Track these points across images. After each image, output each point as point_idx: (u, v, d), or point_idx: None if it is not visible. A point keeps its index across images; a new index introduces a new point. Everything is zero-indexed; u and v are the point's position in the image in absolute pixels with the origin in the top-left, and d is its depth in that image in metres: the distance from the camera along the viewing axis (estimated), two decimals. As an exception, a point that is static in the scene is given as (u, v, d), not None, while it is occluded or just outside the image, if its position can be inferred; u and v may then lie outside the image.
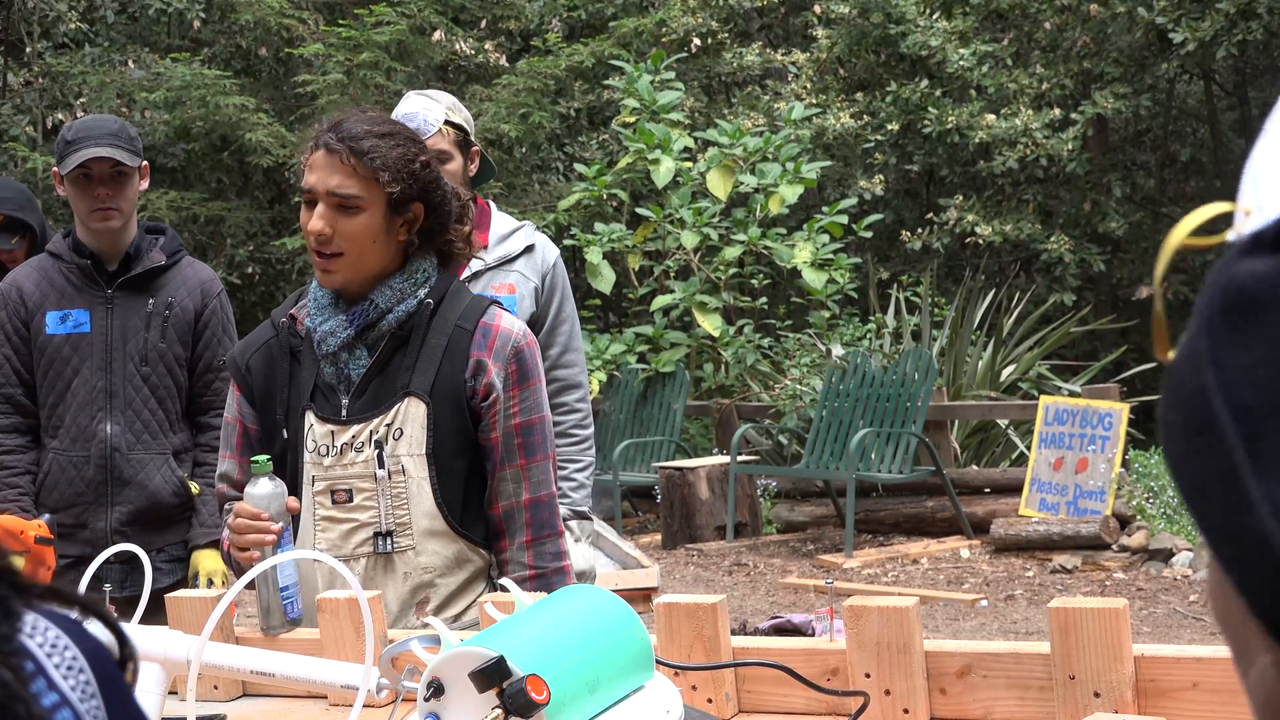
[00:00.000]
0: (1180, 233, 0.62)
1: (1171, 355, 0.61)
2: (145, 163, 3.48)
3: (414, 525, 2.32)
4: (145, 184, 3.49)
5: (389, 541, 2.32)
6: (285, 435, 2.37)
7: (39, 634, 0.81)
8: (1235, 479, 0.56)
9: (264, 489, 2.18)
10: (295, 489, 2.35)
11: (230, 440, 2.47)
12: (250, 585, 1.98)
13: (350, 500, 2.34)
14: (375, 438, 2.32)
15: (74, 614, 0.85)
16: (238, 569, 2.22)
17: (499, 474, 2.36)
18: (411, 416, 2.31)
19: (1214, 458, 0.57)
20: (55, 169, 3.43)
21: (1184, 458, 0.59)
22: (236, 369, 2.45)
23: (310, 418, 2.36)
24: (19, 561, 2.72)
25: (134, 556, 2.49)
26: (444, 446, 2.32)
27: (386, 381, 2.34)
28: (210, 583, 3.40)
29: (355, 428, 2.33)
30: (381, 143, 2.30)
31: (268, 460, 2.19)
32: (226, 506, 2.45)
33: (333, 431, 2.34)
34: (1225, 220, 0.62)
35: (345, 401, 2.34)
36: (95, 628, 0.86)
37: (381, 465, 2.31)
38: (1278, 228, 0.58)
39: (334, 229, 2.29)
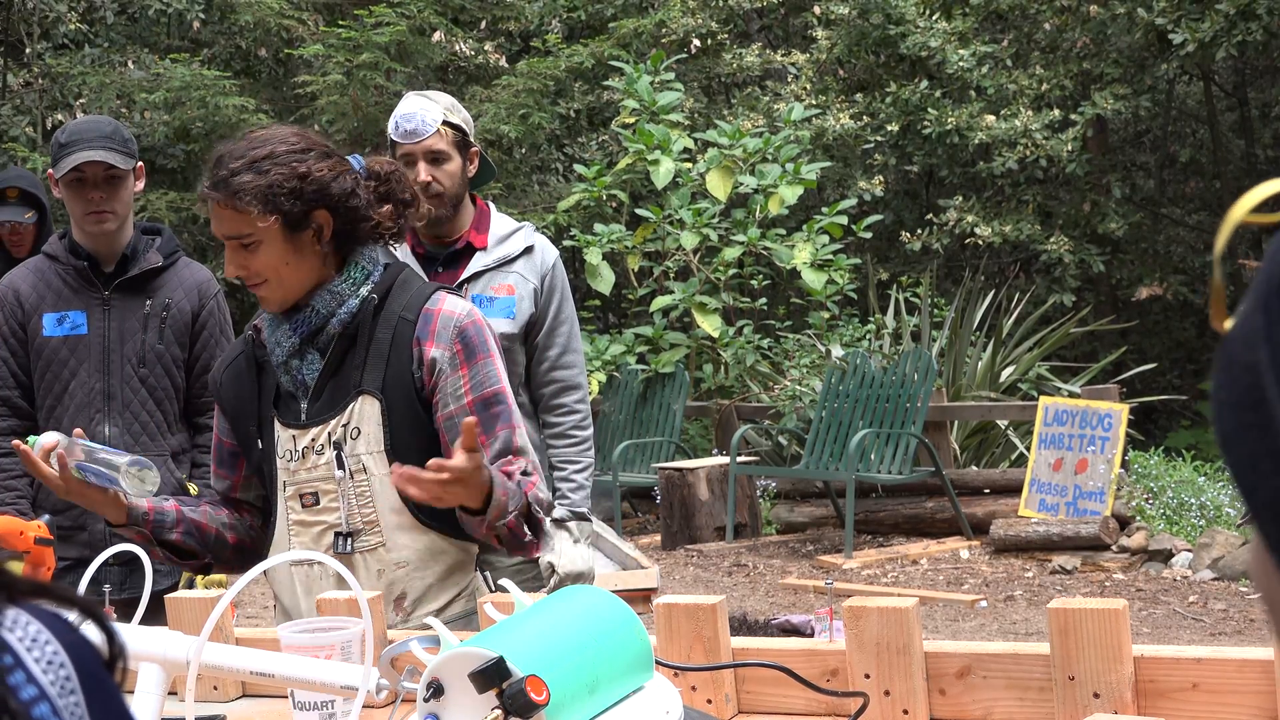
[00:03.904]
0: (1241, 209, 0.61)
1: (1229, 325, 0.60)
2: (140, 164, 3.46)
3: (381, 522, 2.34)
4: (141, 185, 3.47)
5: (349, 542, 2.34)
6: (260, 446, 2.42)
7: (19, 628, 0.80)
8: None
9: (49, 439, 2.31)
10: (275, 497, 2.42)
11: (213, 455, 2.55)
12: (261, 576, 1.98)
13: (317, 503, 2.37)
14: (334, 439, 2.34)
15: (62, 611, 0.84)
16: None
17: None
18: (366, 415, 2.33)
19: (1263, 438, 0.56)
20: (50, 171, 3.42)
21: (1233, 435, 0.58)
22: (215, 386, 2.53)
23: (276, 425, 2.40)
24: (16, 564, 2.72)
25: (132, 558, 2.48)
26: (402, 441, 2.32)
27: (340, 382, 2.35)
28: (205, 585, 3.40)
29: (314, 430, 2.36)
30: (250, 176, 2.27)
31: (31, 437, 2.33)
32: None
33: (294, 436, 2.37)
34: None
35: (304, 405, 2.37)
36: (86, 626, 0.85)
37: (341, 466, 2.33)
38: None
39: (247, 267, 2.31)
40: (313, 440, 2.35)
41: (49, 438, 2.32)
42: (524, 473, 2.35)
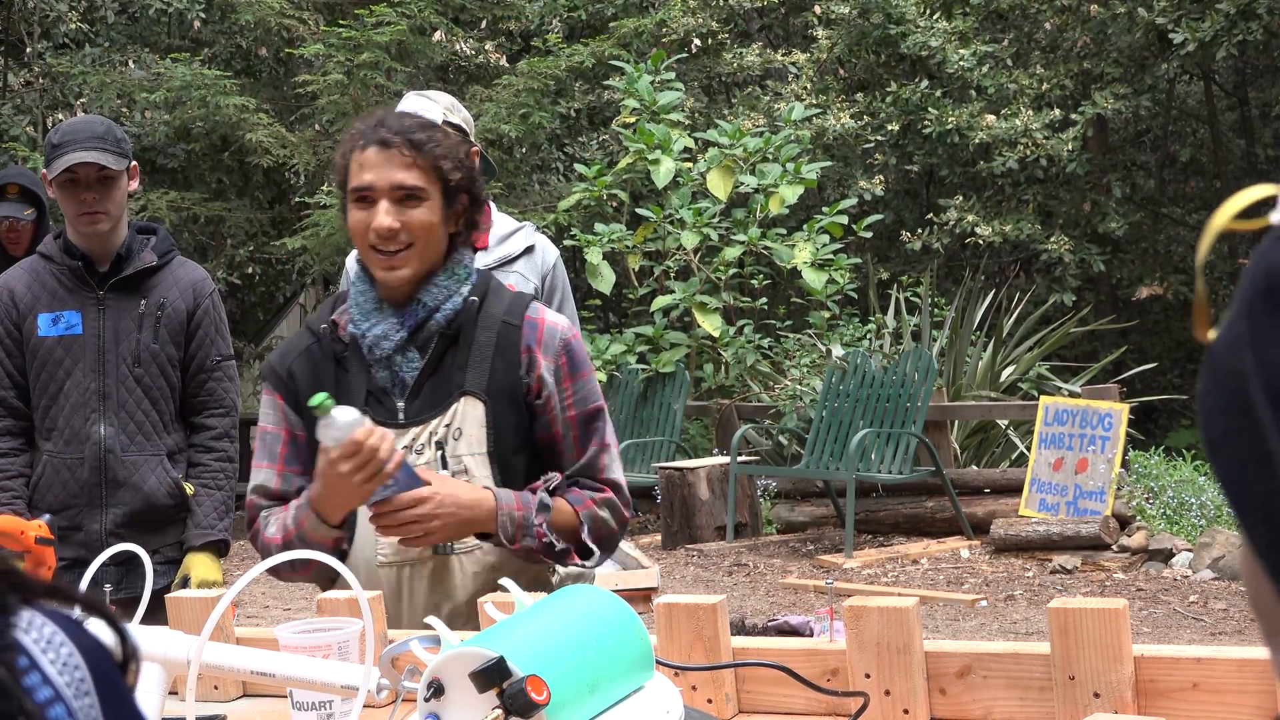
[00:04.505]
0: (1223, 216, 0.61)
1: (1212, 335, 0.61)
2: (134, 163, 3.45)
3: None
4: (135, 184, 3.46)
5: (448, 544, 2.30)
6: None
7: (34, 630, 0.80)
8: (1270, 464, 0.56)
9: (348, 416, 2.11)
10: None
11: (273, 450, 2.40)
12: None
13: None
14: (435, 439, 2.30)
15: (75, 613, 0.84)
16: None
17: (564, 469, 2.34)
18: (470, 416, 2.30)
19: (1250, 442, 0.57)
20: (44, 172, 3.42)
21: (1221, 440, 0.59)
22: (277, 377, 2.39)
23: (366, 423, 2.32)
24: (19, 564, 2.71)
25: (130, 558, 2.47)
26: (504, 444, 2.29)
27: (440, 382, 2.32)
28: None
29: (414, 430, 2.30)
30: (434, 134, 2.31)
31: (328, 396, 2.11)
32: (266, 512, 2.37)
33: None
34: (1268, 204, 0.62)
35: (401, 404, 2.32)
36: (96, 627, 0.85)
37: (445, 466, 2.29)
38: None
39: (404, 222, 2.27)
40: (413, 440, 2.30)
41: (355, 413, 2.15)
42: (590, 488, 2.35)
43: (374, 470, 2.13)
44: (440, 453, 2.29)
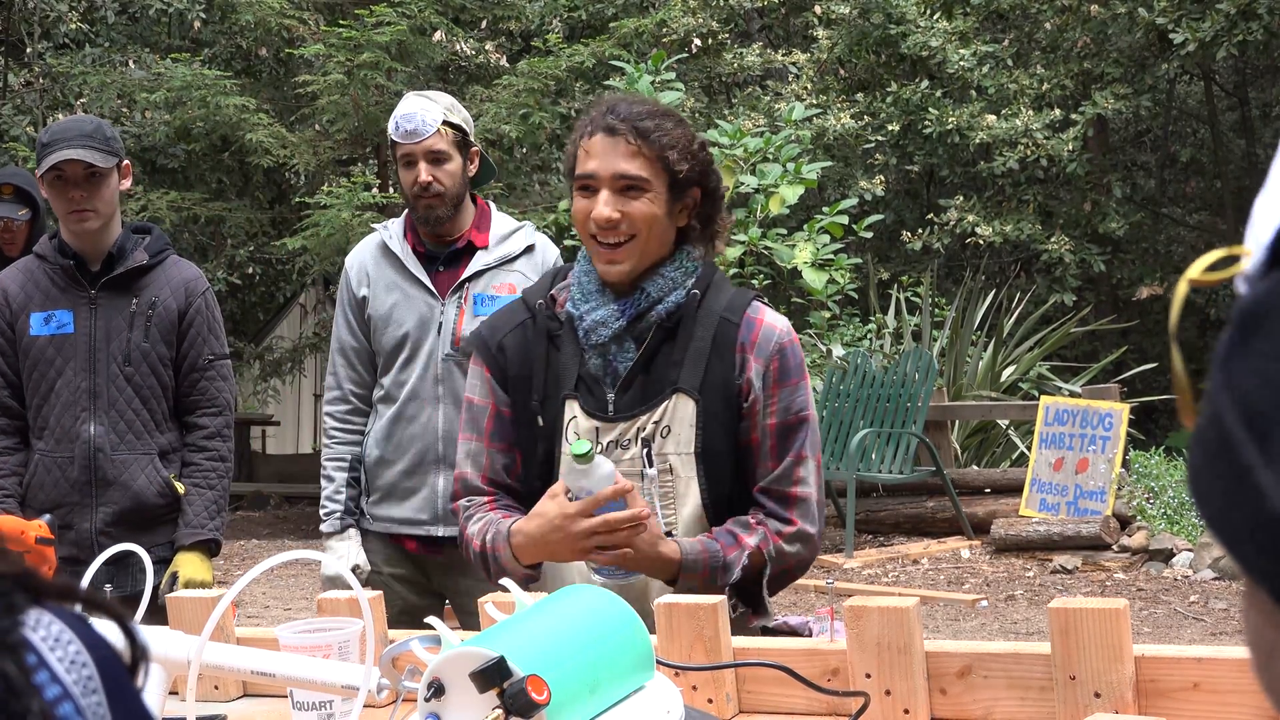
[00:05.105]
0: (1187, 279, 0.63)
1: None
2: (126, 162, 3.45)
3: (680, 525, 2.23)
4: (127, 183, 3.45)
5: None
6: (541, 423, 2.26)
7: (42, 628, 0.81)
8: (1250, 478, 0.56)
9: (604, 469, 2.07)
10: (549, 479, 2.25)
11: (479, 423, 2.32)
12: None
13: None
14: (642, 435, 2.22)
15: (82, 611, 0.85)
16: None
17: (758, 479, 2.27)
18: (680, 414, 2.22)
19: (1229, 468, 0.57)
20: (36, 171, 3.42)
21: (1207, 487, 0.59)
22: (487, 350, 2.32)
23: (574, 408, 2.25)
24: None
25: (122, 557, 2.48)
26: (712, 445, 2.22)
27: (653, 376, 2.24)
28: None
29: (622, 425, 2.23)
30: (664, 122, 2.24)
31: (588, 445, 2.07)
32: (467, 502, 2.32)
33: (598, 428, 2.24)
34: (1230, 260, 0.63)
35: (611, 396, 2.24)
36: (103, 626, 0.85)
37: (650, 464, 2.22)
38: (1269, 251, 0.59)
39: (625, 213, 2.21)
40: (620, 434, 2.22)
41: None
42: (778, 518, 2.26)
43: (609, 544, 2.10)
44: (646, 450, 2.23)
